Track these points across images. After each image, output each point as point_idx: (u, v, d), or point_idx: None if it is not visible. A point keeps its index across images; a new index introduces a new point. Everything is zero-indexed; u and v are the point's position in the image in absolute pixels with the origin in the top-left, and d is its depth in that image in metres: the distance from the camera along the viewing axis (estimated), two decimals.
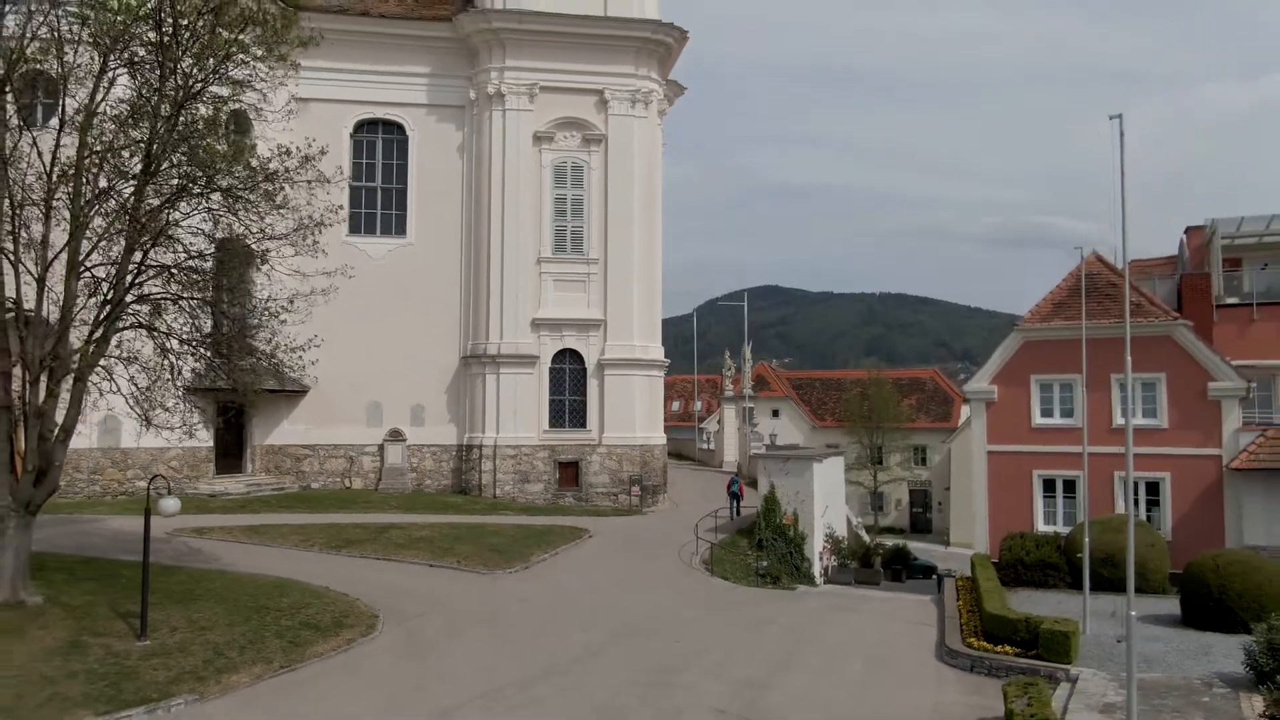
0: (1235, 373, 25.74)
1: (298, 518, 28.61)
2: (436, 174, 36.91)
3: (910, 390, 66.34)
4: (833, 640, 20.11)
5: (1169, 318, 25.27)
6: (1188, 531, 24.60)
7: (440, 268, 36.55)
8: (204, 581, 20.18)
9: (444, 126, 37.18)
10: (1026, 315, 27.26)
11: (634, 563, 26.55)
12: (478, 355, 35.72)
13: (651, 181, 37.86)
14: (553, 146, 36.54)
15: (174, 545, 24.19)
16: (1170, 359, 25.08)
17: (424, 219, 36.88)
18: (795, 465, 29.29)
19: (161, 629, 17.06)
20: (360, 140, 36.98)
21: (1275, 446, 23.74)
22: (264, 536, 25.58)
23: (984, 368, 27.43)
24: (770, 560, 27.93)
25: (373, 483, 35.66)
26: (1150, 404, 25.26)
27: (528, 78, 36.28)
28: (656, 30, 37.04)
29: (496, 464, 35.08)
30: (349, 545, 25.34)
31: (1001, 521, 26.20)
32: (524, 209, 35.97)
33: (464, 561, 24.56)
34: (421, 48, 37.04)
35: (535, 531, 28.68)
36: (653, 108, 37.77)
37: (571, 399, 36.13)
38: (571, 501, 35.01)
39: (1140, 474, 25.21)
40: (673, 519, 33.09)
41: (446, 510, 31.84)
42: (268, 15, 18.72)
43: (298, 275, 19.51)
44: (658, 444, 37.11)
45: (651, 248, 37.67)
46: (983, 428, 26.73)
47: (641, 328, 36.70)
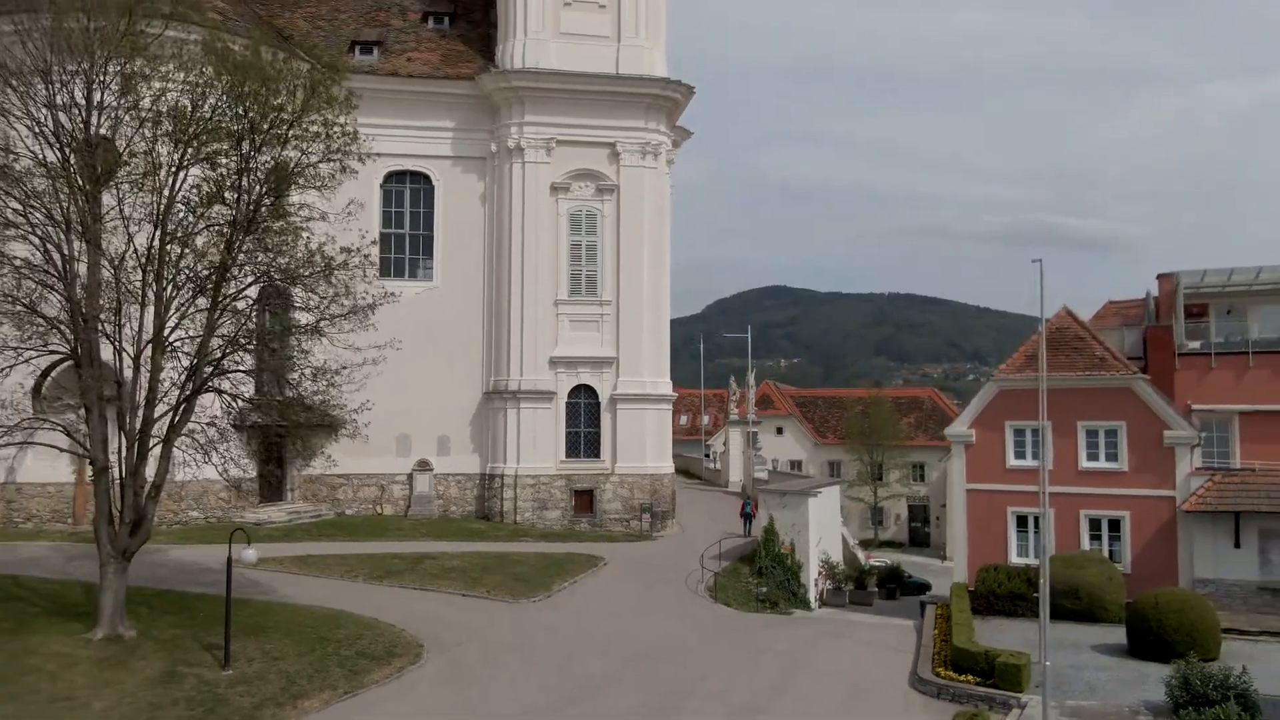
0: (1188, 421, 28.42)
1: (340, 547, 31.45)
2: (460, 221, 39.72)
3: (909, 409, 68.96)
4: (821, 667, 22.82)
5: (1129, 371, 27.91)
6: (1145, 566, 27.24)
7: (464, 309, 39.34)
8: (270, 614, 23.01)
9: (467, 177, 39.99)
10: (1002, 366, 29.94)
11: (645, 590, 29.27)
12: (499, 390, 38.51)
13: (660, 227, 40.60)
14: (568, 196, 39.31)
15: (233, 576, 26.98)
16: (1130, 408, 27.72)
17: (449, 263, 39.69)
18: (792, 500, 32.00)
19: (240, 659, 19.90)
20: (389, 190, 39.79)
21: (1222, 491, 26.38)
22: (313, 568, 28.39)
23: (963, 413, 30.12)
24: (769, 586, 30.63)
25: (402, 509, 38.48)
26: (1112, 449, 27.90)
27: (545, 132, 39.05)
28: (665, 87, 39.79)
29: (517, 492, 37.86)
30: (389, 576, 28.15)
31: (979, 554, 28.86)
32: (542, 254, 38.74)
33: (493, 591, 27.34)
34: (446, 104, 39.85)
35: (555, 560, 31.43)
36: (661, 158, 40.52)
37: (586, 431, 38.89)
38: (587, 527, 37.78)
39: (1103, 512, 27.93)
40: (680, 545, 35.80)
41: (472, 537, 34.64)
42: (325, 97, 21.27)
43: (352, 348, 22.25)
44: (666, 473, 39.86)
45: (660, 289, 40.41)
46: (962, 468, 29.41)
47: (651, 364, 39.45)
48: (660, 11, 41.05)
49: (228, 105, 20.71)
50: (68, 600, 23.23)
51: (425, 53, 40.87)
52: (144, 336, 20.78)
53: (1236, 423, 29.52)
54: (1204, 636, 21.10)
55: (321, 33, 41.12)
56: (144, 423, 20.60)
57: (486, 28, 42.76)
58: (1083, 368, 28.11)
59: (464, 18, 43.31)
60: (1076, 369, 28.16)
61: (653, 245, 39.87)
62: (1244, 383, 29.69)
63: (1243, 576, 26.15)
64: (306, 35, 40.56)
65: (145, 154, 21.05)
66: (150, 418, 20.68)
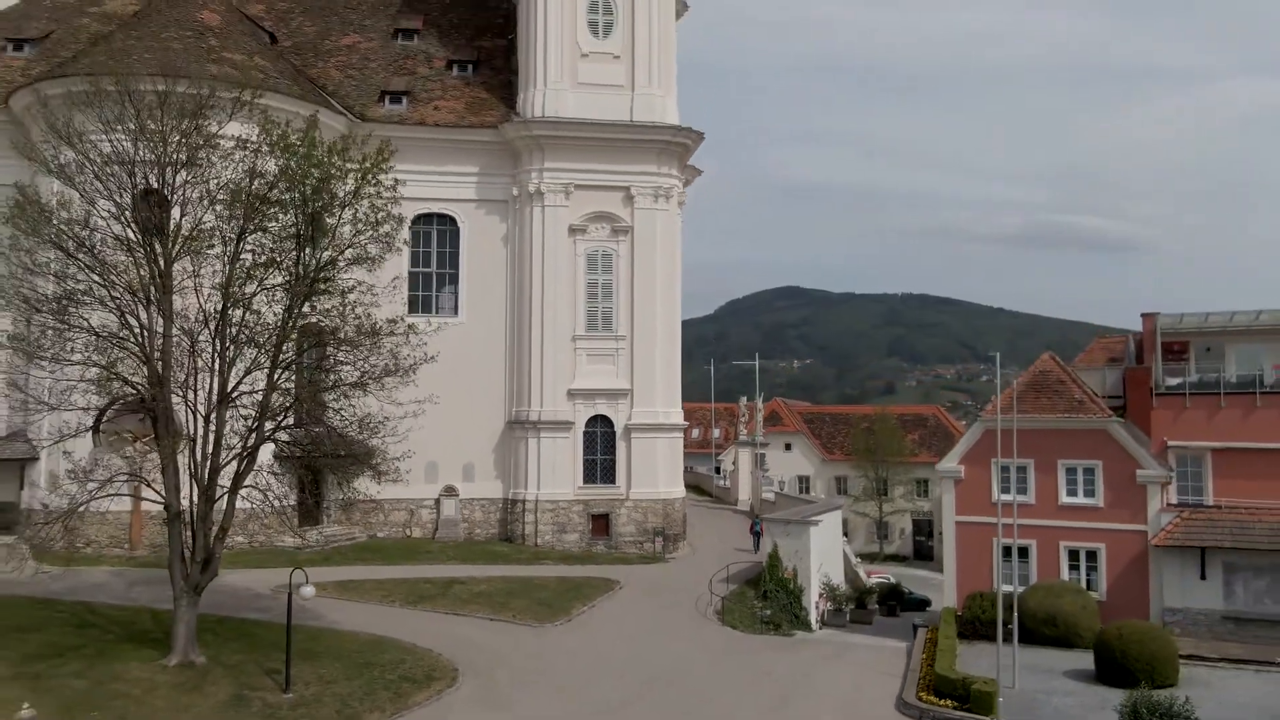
0: (1165, 457, 30.67)
1: (376, 571, 33.98)
2: (484, 261, 42.25)
3: (914, 426, 71.14)
4: (817, 689, 25.21)
5: (1105, 414, 30.16)
6: (1120, 595, 29.49)
7: (488, 343, 41.85)
8: (320, 640, 25.55)
9: (490, 219, 42.53)
10: (987, 408, 32.22)
11: (658, 613, 31.69)
12: (521, 420, 41.01)
13: (672, 265, 43.00)
14: (585, 237, 41.79)
15: (281, 602, 29.41)
16: (1106, 448, 29.99)
17: (473, 300, 42.21)
18: (795, 528, 34.36)
19: (298, 683, 22.42)
20: (418, 231, 42.29)
21: (1189, 527, 28.61)
22: (353, 593, 30.90)
23: (953, 450, 32.44)
24: (773, 609, 32.99)
25: (430, 532, 41.03)
26: (1090, 486, 30.17)
27: (564, 177, 41.53)
28: (676, 134, 42.23)
29: (538, 516, 40.36)
30: (423, 600, 30.67)
31: (967, 580, 31.16)
32: (561, 292, 41.22)
33: (518, 616, 29.82)
34: (471, 150, 42.39)
35: (574, 584, 33.88)
36: (673, 200, 42.95)
37: (603, 458, 41.35)
38: (603, 550, 40.22)
39: (1081, 544, 30.23)
40: (690, 567, 38.19)
41: (496, 560, 37.14)
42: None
43: (394, 403, 24.74)
44: (678, 497, 42.29)
45: (672, 324, 42.84)
46: (951, 501, 31.71)
47: (663, 395, 41.87)
48: (671, 62, 43.51)
49: (285, 187, 23.26)
50: (138, 627, 25.81)
51: (451, 101, 43.42)
52: (211, 394, 23.32)
53: (1209, 458, 31.66)
54: (1163, 665, 23.37)
55: (353, 82, 43.72)
56: (211, 472, 23.19)
57: (508, 74, 45.26)
58: (1063, 410, 30.38)
59: (486, 64, 45.84)
60: (1057, 411, 30.44)
61: (665, 283, 42.29)
62: (1216, 421, 31.86)
63: (1208, 606, 28.37)
64: (339, 85, 43.24)
65: (211, 229, 23.64)
66: (217, 467, 23.28)
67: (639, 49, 42.44)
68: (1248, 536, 27.87)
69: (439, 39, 46.73)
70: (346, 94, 42.82)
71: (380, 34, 46.73)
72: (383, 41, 46.32)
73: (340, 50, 45.47)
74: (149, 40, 37.60)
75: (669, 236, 42.68)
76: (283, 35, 45.49)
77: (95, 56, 37.30)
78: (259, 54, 39.78)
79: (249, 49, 39.69)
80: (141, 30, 38.27)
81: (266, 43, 42.72)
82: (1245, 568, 28.16)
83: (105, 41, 38.59)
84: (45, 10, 45.39)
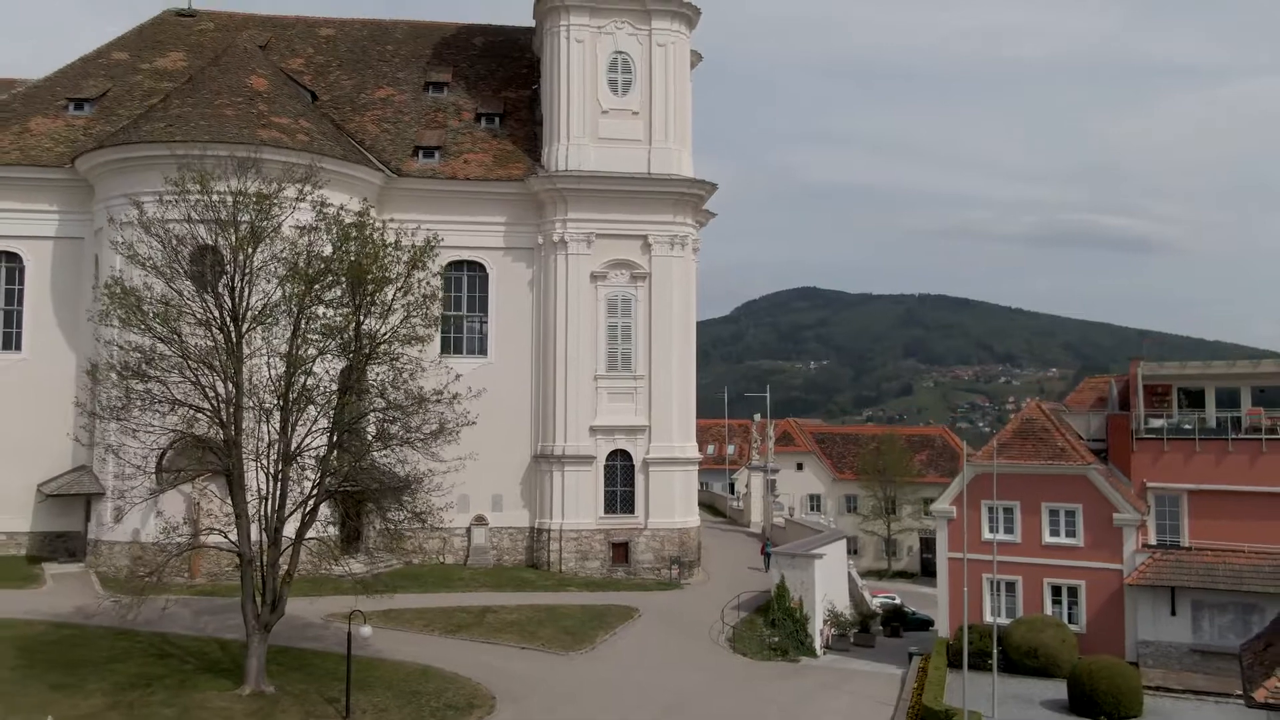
0: (1144, 497, 33.27)
1: (415, 600, 36.94)
2: (511, 305, 45.23)
3: (921, 447, 73.69)
4: (816, 717, 27.99)
5: (1085, 461, 32.78)
6: (1098, 628, 32.11)
7: (515, 382, 44.79)
8: (372, 669, 28.54)
9: (517, 265, 45.51)
10: (979, 453, 34.91)
11: (673, 641, 34.53)
12: (546, 455, 43.96)
13: (687, 308, 45.85)
14: (606, 283, 44.70)
15: (332, 631, 32.59)
16: (1085, 493, 32.61)
17: (501, 342, 45.21)
18: (801, 561, 37.13)
19: (356, 711, 25.43)
20: (449, 277, 45.29)
21: (1160, 567, 31.21)
22: (395, 621, 33.86)
23: (945, 491, 35.12)
24: (780, 636, 35.80)
25: (462, 559, 44.04)
26: (1071, 527, 32.81)
27: (586, 227, 44.46)
28: (691, 186, 45.10)
29: (562, 544, 43.30)
30: (460, 629, 33.66)
31: (959, 614, 33.80)
32: (583, 335, 44.14)
33: (547, 644, 32.75)
34: (499, 202, 45.38)
35: (596, 611, 36.76)
36: (688, 248, 45.80)
37: (622, 490, 44.24)
38: (623, 576, 43.11)
39: (1063, 580, 32.88)
40: (704, 593, 41.02)
41: (524, 587, 40.10)
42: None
43: (437, 459, 27.72)
44: (693, 526, 45.14)
45: (687, 363, 45.68)
46: (944, 538, 34.40)
47: (679, 431, 44.72)
48: (686, 116, 46.36)
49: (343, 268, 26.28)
50: (210, 657, 28.93)
51: (479, 154, 46.43)
52: (276, 453, 26.38)
53: (1186, 499, 34.22)
54: (1128, 697, 26.05)
55: (388, 136, 46.81)
56: (278, 523, 26.27)
57: (532, 125, 48.25)
58: (1046, 456, 33.05)
59: (512, 116, 48.84)
60: (1041, 457, 33.10)
61: (680, 325, 45.15)
62: (1192, 464, 34.40)
63: (1177, 640, 30.96)
64: (375, 139, 46.34)
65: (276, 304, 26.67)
66: (283, 519, 26.35)
67: (656, 106, 45.30)
68: (1212, 577, 30.45)
69: (467, 90, 49.79)
70: (383, 149, 45.88)
71: (412, 86, 49.84)
72: (414, 94, 49.43)
73: (375, 104, 48.58)
74: (203, 107, 40.76)
75: (684, 282, 45.53)
76: (321, 89, 48.67)
77: (154, 123, 40.49)
78: (304, 116, 42.89)
79: (295, 111, 42.81)
80: (196, 97, 41.43)
81: (309, 102, 45.87)
82: (1211, 605, 30.72)
83: (163, 107, 41.72)
84: (101, 68, 48.80)
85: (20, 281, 43.27)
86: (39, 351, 42.91)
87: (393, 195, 44.43)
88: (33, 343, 43.03)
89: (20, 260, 43.28)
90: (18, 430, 41.75)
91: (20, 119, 44.94)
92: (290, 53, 51.08)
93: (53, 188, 43.11)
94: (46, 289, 43.18)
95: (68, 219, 43.36)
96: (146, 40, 50.96)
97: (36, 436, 41.86)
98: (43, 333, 43.07)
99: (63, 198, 43.22)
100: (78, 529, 42.20)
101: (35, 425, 41.94)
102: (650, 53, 45.46)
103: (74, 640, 29.89)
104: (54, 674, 26.61)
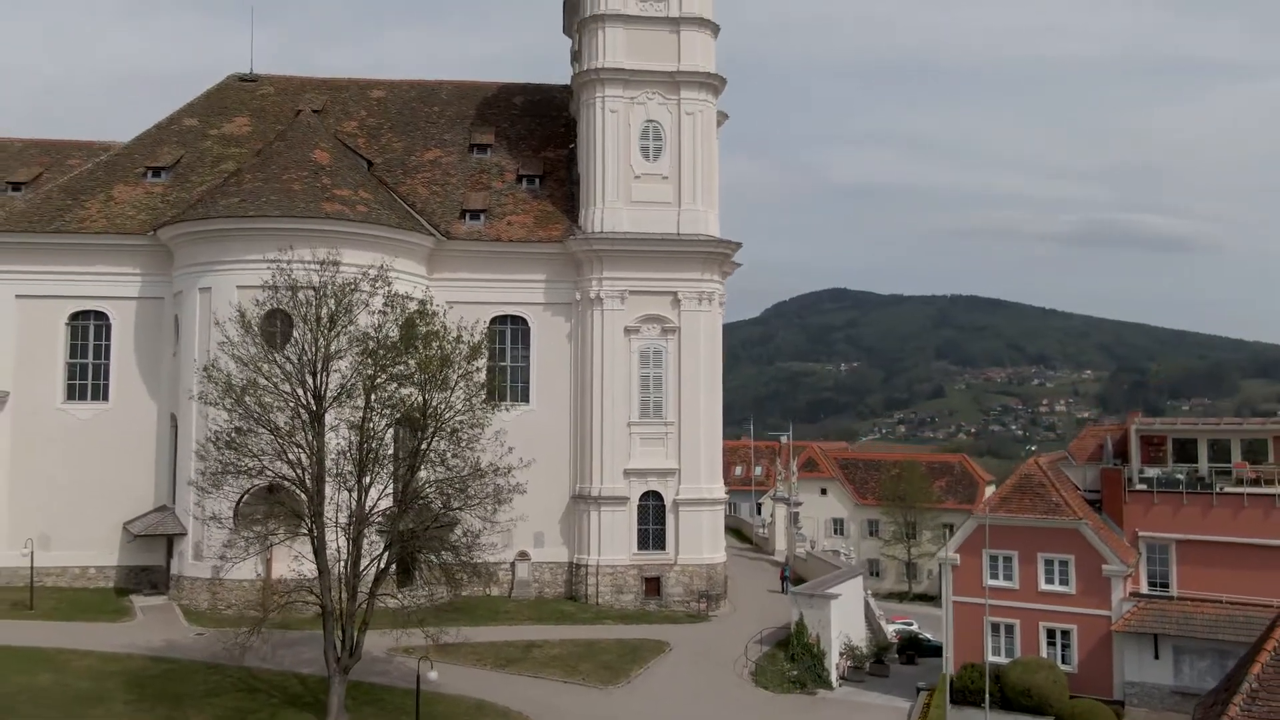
0: (1135, 546, 36.32)
1: (468, 632, 40.55)
2: (551, 356, 48.94)
3: (940, 474, 76.57)
4: None
5: (1077, 516, 35.86)
6: (1088, 669, 35.17)
7: (555, 428, 48.50)
8: (434, 704, 32.29)
9: (556, 319, 49.22)
10: (981, 506, 38.08)
11: (701, 675, 37.97)
12: (583, 495, 47.63)
13: (713, 359, 49.29)
14: (639, 336, 48.28)
15: (396, 665, 36.37)
16: (1077, 545, 35.68)
17: (542, 390, 48.93)
18: (818, 601, 40.46)
19: None
20: (494, 330, 49.13)
21: (1144, 615, 34.24)
22: (450, 656, 37.24)
23: (950, 541, 38.31)
24: (799, 670, 39.16)
25: (506, 591, 47.78)
26: (1064, 576, 35.90)
27: (620, 285, 48.07)
28: (717, 245, 48.59)
29: (598, 578, 46.94)
30: (509, 664, 37.37)
31: (962, 652, 37.02)
32: (617, 384, 47.76)
33: (588, 679, 36.37)
34: (539, 261, 49.11)
35: (631, 645, 40.31)
36: (715, 301, 49.27)
37: (654, 528, 47.81)
38: (655, 608, 46.65)
39: (1056, 625, 36.00)
40: (730, 626, 44.45)
41: (564, 620, 43.76)
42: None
43: (488, 522, 31.44)
44: (720, 561, 48.59)
45: (714, 410, 49.13)
46: (950, 583, 37.61)
47: (707, 473, 48.20)
48: (713, 179, 49.83)
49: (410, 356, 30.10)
50: (291, 691, 32.87)
51: (521, 215, 50.19)
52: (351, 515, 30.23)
53: (1174, 548, 37.17)
54: None
55: (437, 199, 50.70)
56: (354, 578, 30.11)
57: (569, 185, 51.93)
58: (1041, 511, 36.18)
59: (551, 176, 52.56)
60: (1037, 511, 36.24)
61: (707, 374, 48.63)
62: (1179, 516, 37.33)
63: (1160, 682, 33.98)
64: (426, 202, 50.24)
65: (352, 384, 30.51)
66: (358, 574, 30.19)
67: (685, 170, 48.82)
68: (1190, 626, 33.44)
69: (509, 151, 53.59)
70: (433, 211, 49.77)
71: (458, 147, 53.73)
72: (460, 155, 53.31)
73: (425, 166, 52.52)
74: (273, 182, 44.84)
75: (711, 334, 49.01)
76: (375, 152, 52.69)
77: (229, 198, 44.61)
78: (363, 186, 46.88)
79: (354, 182, 46.81)
80: (265, 172, 45.53)
81: (366, 170, 49.87)
82: (1191, 650, 33.70)
83: (236, 181, 45.83)
84: (174, 134, 53.20)
85: (107, 338, 47.64)
86: (123, 401, 47.27)
87: (443, 256, 48.29)
88: (118, 393, 47.39)
89: (107, 319, 47.65)
90: (106, 473, 46.18)
91: (105, 187, 49.37)
92: (345, 115, 55.19)
93: (136, 253, 47.43)
94: (130, 345, 47.53)
95: (149, 281, 47.65)
96: (214, 105, 55.30)
97: (121, 478, 46.41)
98: (126, 384, 47.44)
99: (145, 261, 47.51)
100: (160, 563, 46.44)
101: (120, 468, 46.48)
102: (679, 121, 48.98)
103: (172, 674, 33.97)
104: (162, 707, 30.67)
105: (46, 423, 46.54)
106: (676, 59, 49.07)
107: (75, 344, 47.51)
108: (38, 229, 46.96)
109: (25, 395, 46.54)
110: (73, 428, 46.68)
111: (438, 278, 48.36)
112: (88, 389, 47.46)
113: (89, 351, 47.64)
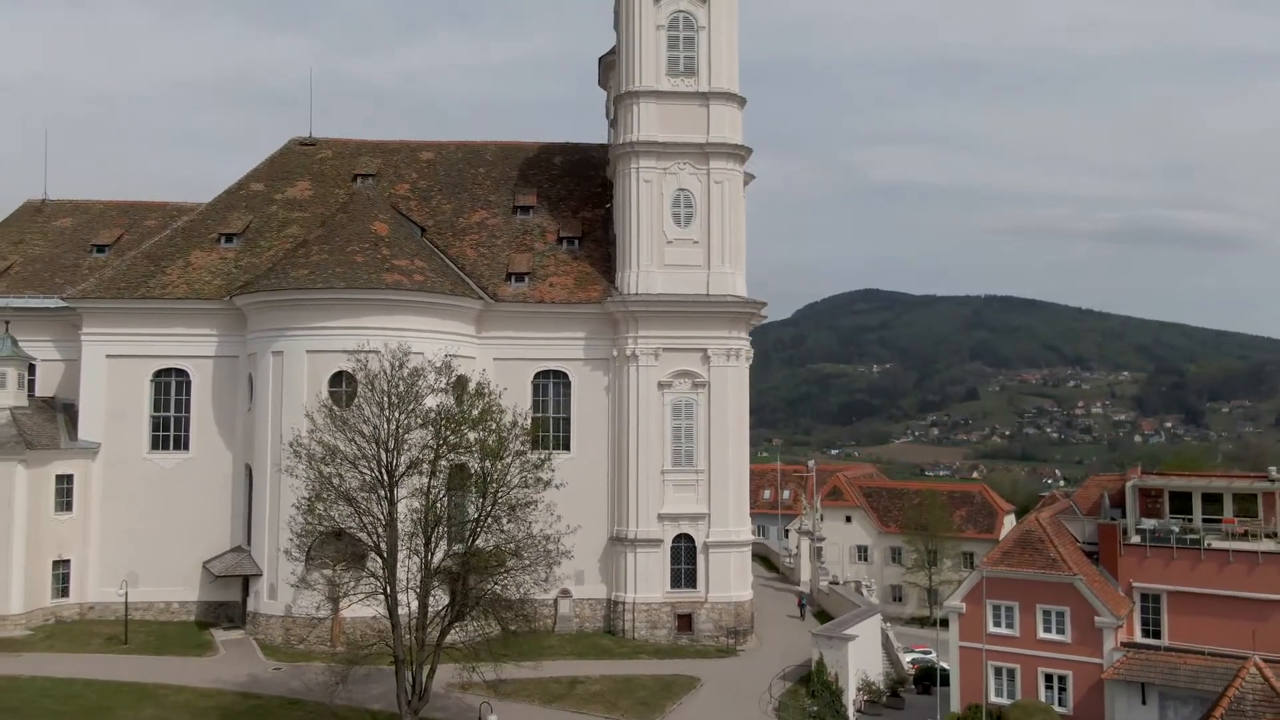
0: (1130, 596, 39.64)
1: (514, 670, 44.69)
2: (590, 408, 52.95)
3: (960, 503, 79.67)
4: None
5: (1072, 572, 39.24)
6: (1083, 712, 38.55)
7: (594, 474, 52.50)
8: None
9: (595, 374, 53.23)
10: (984, 559, 41.55)
11: (729, 710, 41.73)
12: (620, 538, 51.63)
13: (741, 411, 53.04)
14: (671, 390, 52.16)
15: (454, 701, 40.45)
16: (1072, 598, 39.07)
17: (581, 439, 52.96)
18: (836, 643, 44.13)
19: None
20: (538, 384, 53.25)
21: (1131, 665, 37.56)
22: (500, 693, 41.37)
23: (956, 590, 41.81)
24: (819, 705, 42.86)
25: (549, 626, 51.86)
26: (1060, 625, 39.31)
27: (654, 343, 51.99)
28: (744, 305, 52.37)
29: (634, 615, 50.90)
30: (554, 700, 41.39)
31: (967, 693, 40.55)
32: (651, 434, 51.67)
33: (626, 715, 40.30)
34: (578, 320, 53.14)
35: (665, 681, 44.18)
36: (742, 357, 53.04)
37: (685, 568, 51.66)
38: (686, 643, 50.49)
39: (1053, 670, 39.43)
40: (756, 662, 48.16)
41: (604, 655, 47.74)
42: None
43: (539, 587, 35.50)
44: (747, 599, 52.35)
45: (741, 457, 52.91)
46: (956, 630, 41.12)
47: (735, 517, 51.99)
48: (740, 243, 53.56)
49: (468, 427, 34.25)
50: None
51: (562, 276, 54.24)
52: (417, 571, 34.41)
53: (1165, 598, 40.47)
54: None
55: (485, 261, 54.90)
56: (421, 628, 34.32)
57: (607, 246, 55.87)
58: (1040, 565, 39.59)
59: (589, 237, 56.57)
60: (1036, 566, 39.67)
61: (735, 425, 52.41)
62: (1171, 569, 40.63)
63: None
64: (474, 264, 54.46)
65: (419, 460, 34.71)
66: (425, 624, 34.39)
67: (714, 235, 52.61)
68: (1174, 676, 36.73)
69: (549, 211, 57.70)
70: (481, 273, 53.97)
71: (503, 209, 57.93)
72: (505, 217, 57.50)
73: (472, 228, 56.74)
74: (338, 254, 49.26)
75: (738, 388, 52.78)
76: (425, 214, 57.04)
77: (298, 269, 49.07)
78: (418, 255, 51.20)
79: (410, 251, 51.14)
80: (331, 244, 49.97)
81: (419, 236, 54.20)
82: (1174, 698, 36.98)
83: (304, 253, 50.27)
84: (242, 199, 57.90)
85: (187, 393, 52.37)
86: (202, 451, 51.99)
87: (491, 316, 52.50)
88: (197, 443, 52.11)
89: (187, 375, 52.38)
90: (187, 516, 50.93)
91: (183, 253, 54.13)
92: (397, 178, 59.63)
93: (213, 315, 52.11)
94: (208, 399, 52.22)
95: (225, 340, 52.32)
96: (277, 170, 59.98)
97: (201, 521, 51.12)
98: (205, 435, 52.14)
99: (221, 323, 52.19)
100: (235, 599, 51.08)
101: (200, 511, 51.21)
102: (709, 189, 52.78)
103: (259, 711, 38.38)
104: None
105: (134, 471, 51.36)
106: (705, 131, 52.87)
107: (159, 399, 52.28)
108: (126, 295, 51.77)
109: (115, 446, 51.37)
110: (157, 476, 51.46)
111: (485, 336, 52.55)
112: (170, 440, 52.20)
113: (171, 405, 52.38)
